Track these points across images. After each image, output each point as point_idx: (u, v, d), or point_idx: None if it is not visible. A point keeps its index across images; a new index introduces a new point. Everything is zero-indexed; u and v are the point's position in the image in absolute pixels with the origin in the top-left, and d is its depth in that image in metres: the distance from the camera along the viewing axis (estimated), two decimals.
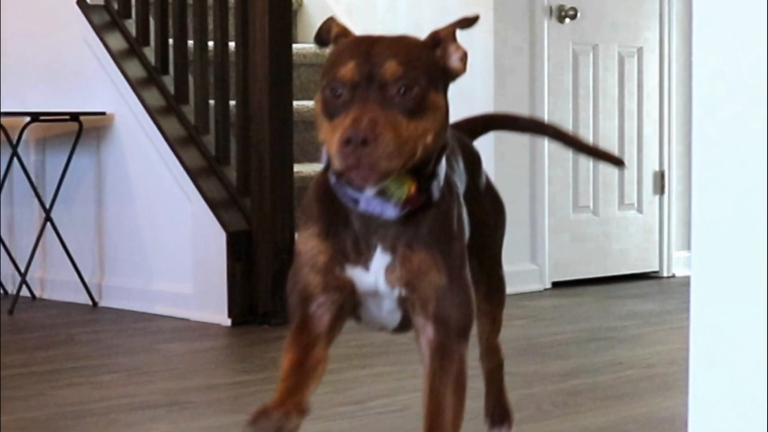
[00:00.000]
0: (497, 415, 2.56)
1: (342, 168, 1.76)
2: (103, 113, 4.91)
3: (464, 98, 3.78)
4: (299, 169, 4.61)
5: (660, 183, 5.80)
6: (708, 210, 1.67)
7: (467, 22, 1.90)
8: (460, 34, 1.90)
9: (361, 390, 3.28)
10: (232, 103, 4.63)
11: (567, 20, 5.43)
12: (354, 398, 3.17)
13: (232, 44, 4.64)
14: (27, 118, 4.85)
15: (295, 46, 4.82)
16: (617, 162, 2.66)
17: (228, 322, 4.40)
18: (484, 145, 2.75)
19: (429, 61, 1.85)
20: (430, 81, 1.82)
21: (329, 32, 1.91)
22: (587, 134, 5.46)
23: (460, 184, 2.06)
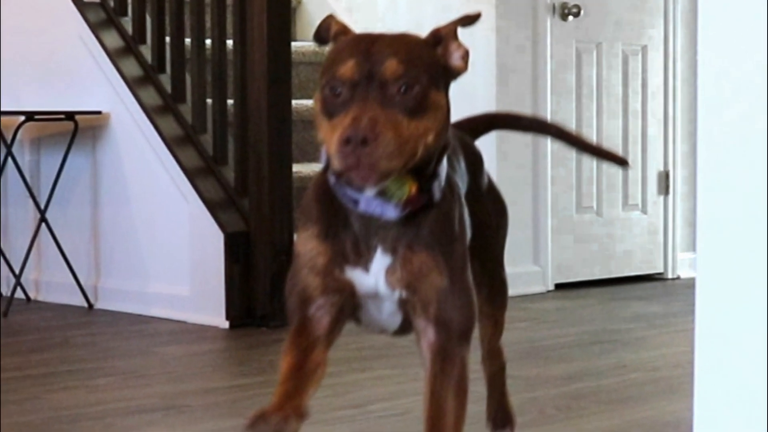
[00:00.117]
0: (499, 419, 2.57)
1: (342, 168, 1.75)
2: (99, 112, 4.89)
3: (466, 97, 3.76)
4: (298, 169, 4.60)
5: (665, 183, 5.77)
6: (713, 211, 1.69)
7: (469, 19, 1.89)
8: (462, 32, 1.88)
9: (361, 393, 3.28)
10: (230, 102, 4.63)
11: (570, 18, 5.41)
12: (354, 402, 3.17)
13: (229, 42, 4.64)
14: (21, 118, 4.84)
15: (293, 44, 4.82)
16: (621, 162, 2.65)
17: (226, 325, 4.39)
18: (486, 144, 2.75)
19: (430, 59, 1.84)
20: (431, 80, 1.81)
21: (328, 30, 1.90)
22: (591, 134, 5.44)
23: (462, 184, 2.05)
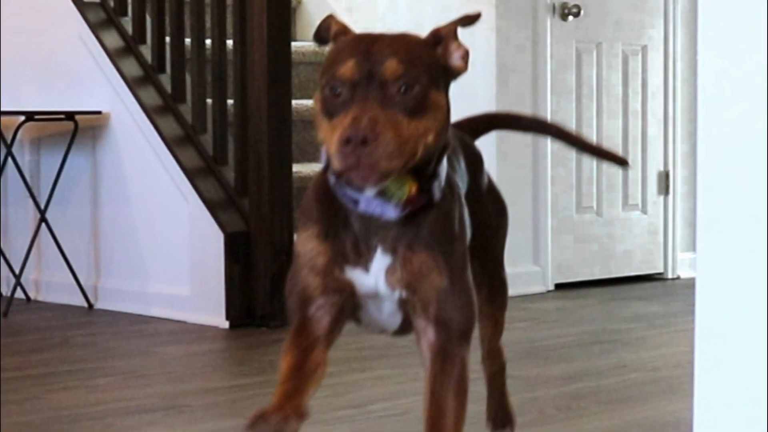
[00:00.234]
0: (499, 419, 2.57)
1: (341, 168, 1.75)
2: (99, 112, 4.89)
3: (466, 97, 3.75)
4: (298, 169, 4.59)
5: (665, 183, 5.77)
6: (713, 211, 1.69)
7: (469, 19, 1.89)
8: (462, 32, 1.88)
9: (361, 393, 3.27)
10: (230, 102, 4.63)
11: (570, 18, 5.41)
12: (354, 402, 3.17)
13: (230, 42, 4.63)
14: (21, 118, 4.84)
15: (293, 44, 4.82)
16: (621, 162, 2.65)
17: (226, 325, 4.38)
18: (486, 144, 2.74)
19: (430, 59, 1.84)
20: (431, 80, 1.81)
21: (328, 30, 1.90)
22: (591, 134, 5.44)
23: (462, 184, 2.05)
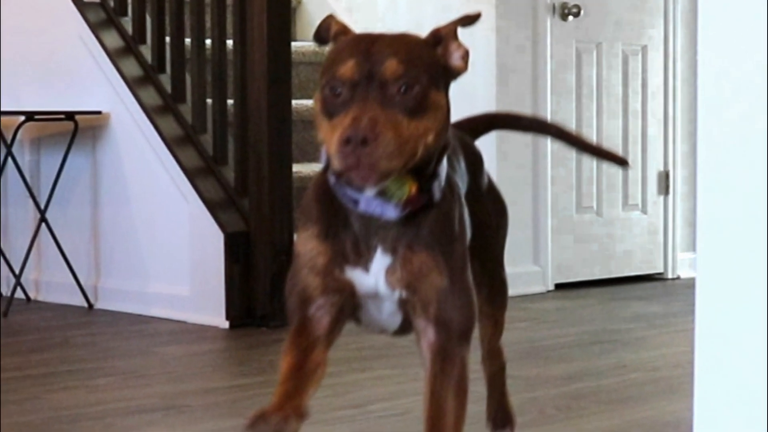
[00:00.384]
0: (499, 419, 2.56)
1: (341, 168, 1.75)
2: (99, 112, 4.88)
3: (466, 97, 3.75)
4: (298, 169, 4.59)
5: (665, 183, 5.77)
6: (713, 211, 1.69)
7: (469, 19, 1.89)
8: (462, 32, 1.88)
9: (361, 393, 3.27)
10: (230, 102, 4.62)
11: (570, 18, 5.41)
12: (354, 402, 3.17)
13: (230, 42, 4.63)
14: (21, 118, 4.84)
15: (293, 44, 4.81)
16: (621, 162, 2.65)
17: (226, 325, 4.38)
18: (486, 144, 2.74)
19: (430, 59, 1.84)
20: (431, 80, 1.81)
21: (328, 30, 1.90)
22: (591, 134, 5.44)
23: (462, 184, 2.05)
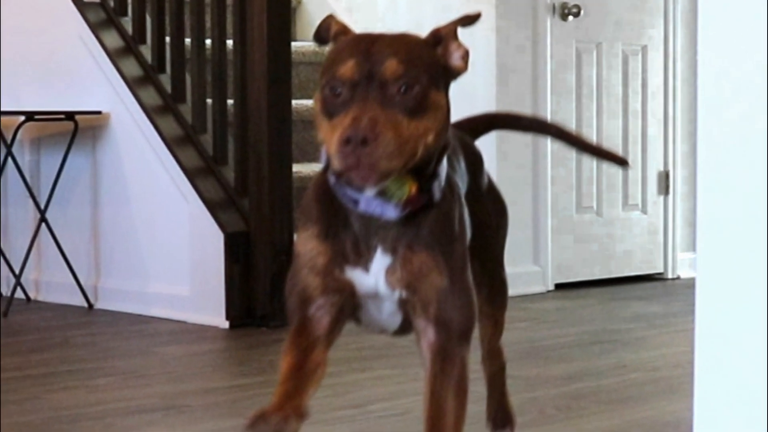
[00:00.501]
0: (499, 419, 2.56)
1: (341, 168, 1.75)
2: (99, 112, 4.88)
3: (466, 97, 3.75)
4: (298, 169, 4.59)
5: (665, 183, 5.77)
6: (713, 211, 1.69)
7: (469, 19, 1.89)
8: (462, 32, 1.88)
9: (361, 393, 3.27)
10: (230, 102, 4.62)
11: (570, 18, 5.41)
12: (354, 402, 3.17)
13: (230, 42, 4.63)
14: (21, 118, 4.84)
15: (293, 44, 4.81)
16: (621, 162, 2.65)
17: (226, 325, 4.38)
18: (486, 144, 2.74)
19: (430, 59, 1.84)
20: (431, 80, 1.81)
21: (328, 30, 1.90)
22: (591, 134, 5.43)
23: (462, 184, 2.05)
